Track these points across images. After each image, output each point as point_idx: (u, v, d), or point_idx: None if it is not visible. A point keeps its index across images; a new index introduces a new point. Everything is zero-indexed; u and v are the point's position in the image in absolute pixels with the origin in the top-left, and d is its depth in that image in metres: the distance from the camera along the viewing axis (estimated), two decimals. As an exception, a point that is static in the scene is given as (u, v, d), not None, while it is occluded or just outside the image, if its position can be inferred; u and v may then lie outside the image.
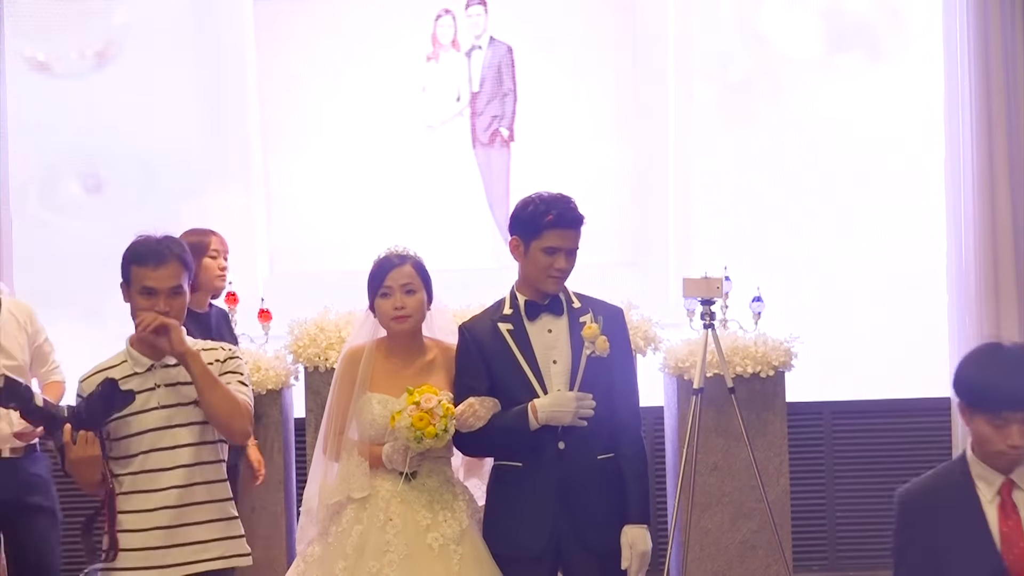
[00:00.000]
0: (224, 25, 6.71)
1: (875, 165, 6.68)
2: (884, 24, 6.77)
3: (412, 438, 3.66)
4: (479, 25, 6.70)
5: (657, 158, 6.73)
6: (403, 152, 6.69)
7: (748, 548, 5.88)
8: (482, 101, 6.72)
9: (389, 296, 3.84)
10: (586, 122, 6.72)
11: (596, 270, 3.94)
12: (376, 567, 3.68)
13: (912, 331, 6.57)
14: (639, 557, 3.72)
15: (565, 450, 3.73)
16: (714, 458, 5.87)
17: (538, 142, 6.71)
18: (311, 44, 6.70)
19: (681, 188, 6.73)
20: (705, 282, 5.59)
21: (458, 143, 6.72)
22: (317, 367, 5.70)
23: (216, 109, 6.72)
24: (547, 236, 3.76)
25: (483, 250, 6.67)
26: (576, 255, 3.82)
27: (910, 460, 6.48)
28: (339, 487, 3.79)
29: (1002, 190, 6.35)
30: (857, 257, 6.66)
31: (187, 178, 6.65)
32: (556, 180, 3.98)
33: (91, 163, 6.69)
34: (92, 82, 6.66)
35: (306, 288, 6.35)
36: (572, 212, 3.78)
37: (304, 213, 6.70)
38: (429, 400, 3.68)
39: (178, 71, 6.68)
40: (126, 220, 6.38)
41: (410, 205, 6.63)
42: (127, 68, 6.66)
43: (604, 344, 3.70)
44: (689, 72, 6.74)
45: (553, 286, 3.80)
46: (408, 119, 6.71)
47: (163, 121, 6.65)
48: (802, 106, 6.73)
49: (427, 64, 6.71)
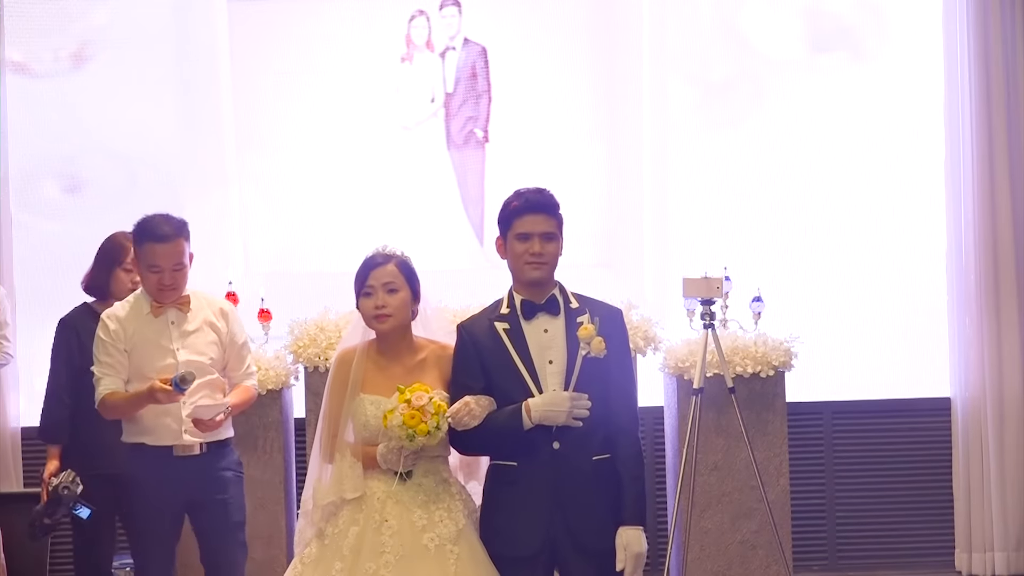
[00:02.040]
0: (199, 26, 6.69)
1: (875, 165, 6.67)
2: (883, 24, 6.76)
3: (405, 436, 3.67)
4: (453, 26, 6.69)
5: (632, 159, 6.73)
6: (378, 153, 6.69)
7: (748, 548, 5.88)
8: (456, 102, 6.71)
9: (371, 295, 3.84)
10: (561, 123, 6.71)
11: (570, 271, 3.95)
12: (372, 568, 3.68)
13: (912, 331, 6.57)
14: (634, 559, 3.71)
15: (560, 450, 3.72)
16: (714, 458, 5.87)
17: (513, 143, 6.70)
18: (285, 45, 6.69)
19: (657, 189, 6.73)
20: (705, 282, 5.59)
21: (433, 144, 6.72)
22: (317, 367, 5.71)
23: (191, 110, 6.70)
24: (517, 224, 3.79)
25: (458, 252, 6.66)
26: (556, 242, 3.81)
27: (910, 460, 6.49)
28: (332, 488, 3.79)
29: (1002, 190, 6.35)
30: (857, 257, 6.66)
31: (163, 179, 6.64)
32: (531, 181, 3.99)
33: (69, 164, 6.68)
34: (68, 83, 6.65)
35: (282, 289, 6.33)
36: (539, 196, 3.81)
37: (279, 213, 6.69)
38: (420, 398, 3.68)
39: (154, 72, 6.65)
40: (103, 221, 6.43)
41: (384, 206, 6.63)
42: (103, 69, 6.64)
43: (600, 345, 3.70)
44: (664, 72, 6.72)
45: (533, 272, 3.79)
46: (382, 120, 6.70)
47: (140, 122, 6.63)
48: (791, 106, 6.71)
49: (401, 65, 6.70)
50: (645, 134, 6.72)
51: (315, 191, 6.69)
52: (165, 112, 6.67)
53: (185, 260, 4.45)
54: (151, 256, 4.40)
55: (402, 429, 3.66)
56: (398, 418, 3.67)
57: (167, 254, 4.38)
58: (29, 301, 6.41)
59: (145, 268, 4.44)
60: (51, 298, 6.30)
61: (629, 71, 6.72)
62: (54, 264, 6.51)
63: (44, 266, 6.54)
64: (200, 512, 4.51)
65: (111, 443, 4.72)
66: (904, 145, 6.68)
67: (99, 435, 4.82)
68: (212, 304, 4.59)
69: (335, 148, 6.68)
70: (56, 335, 5.05)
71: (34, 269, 6.52)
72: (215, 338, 4.52)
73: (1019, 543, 6.32)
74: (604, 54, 6.73)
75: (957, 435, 6.37)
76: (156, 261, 4.39)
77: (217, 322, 4.54)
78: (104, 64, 6.65)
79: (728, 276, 5.81)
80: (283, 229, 6.68)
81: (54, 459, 4.92)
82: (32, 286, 6.47)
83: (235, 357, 4.58)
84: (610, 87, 6.74)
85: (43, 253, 6.56)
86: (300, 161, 6.70)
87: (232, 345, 4.57)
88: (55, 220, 6.63)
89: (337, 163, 6.69)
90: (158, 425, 4.44)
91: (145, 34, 6.66)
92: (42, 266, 6.53)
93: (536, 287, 3.83)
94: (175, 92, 6.69)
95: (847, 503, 6.49)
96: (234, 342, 4.57)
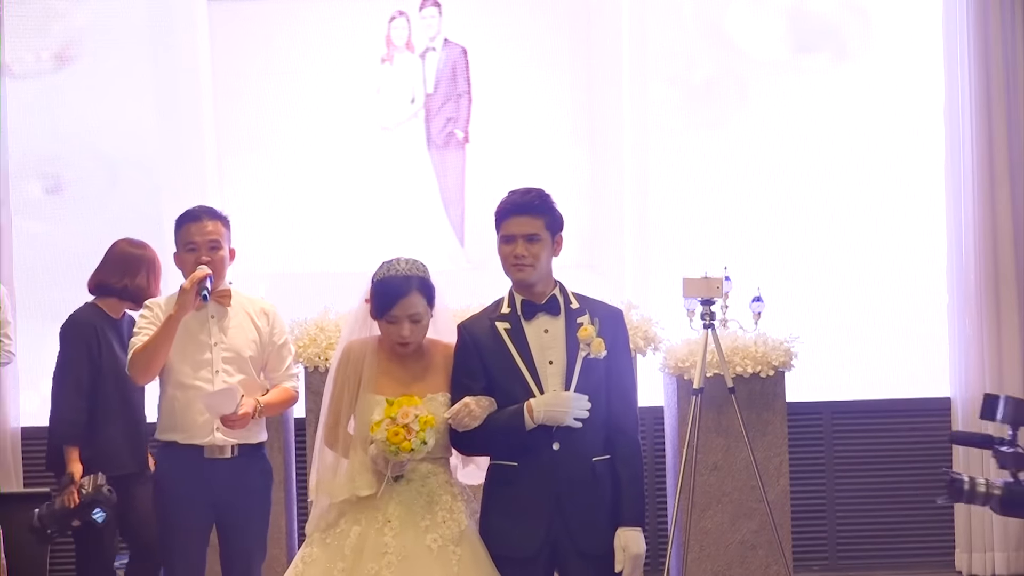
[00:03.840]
0: (181, 27, 6.69)
1: (874, 165, 6.68)
2: (874, 23, 6.76)
3: (388, 451, 3.69)
4: (433, 27, 6.70)
5: (612, 159, 6.74)
6: (358, 154, 6.70)
7: (748, 548, 5.88)
8: (436, 103, 6.72)
9: (395, 324, 3.84)
10: (542, 124, 6.72)
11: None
12: (374, 569, 3.68)
13: (912, 331, 6.57)
14: (632, 560, 3.71)
15: (560, 451, 3.73)
16: (714, 458, 5.87)
17: (493, 144, 6.70)
18: (266, 46, 6.70)
19: (637, 190, 6.74)
20: (705, 282, 5.59)
21: (413, 145, 6.73)
22: (317, 367, 5.71)
23: (173, 110, 6.71)
24: (503, 226, 3.82)
25: (439, 252, 6.63)
26: (541, 243, 3.80)
27: (910, 460, 6.49)
28: (346, 485, 3.80)
29: (1002, 190, 6.35)
30: (858, 258, 6.66)
31: (145, 179, 6.64)
32: (511, 182, 4.01)
33: (51, 164, 6.67)
34: (50, 84, 6.65)
35: (283, 289, 6.30)
36: (522, 197, 3.83)
37: (260, 214, 6.67)
38: (406, 415, 3.68)
39: (136, 72, 6.66)
40: (86, 221, 6.44)
41: (365, 207, 6.65)
42: (85, 70, 6.65)
43: (599, 346, 3.71)
44: (645, 72, 6.72)
45: (517, 274, 3.80)
46: (363, 121, 6.71)
47: (122, 122, 6.64)
48: (776, 106, 6.71)
49: (382, 66, 6.71)
50: (626, 135, 6.74)
51: (296, 192, 6.70)
52: (147, 112, 6.68)
53: (222, 242, 4.50)
54: (186, 235, 4.48)
55: (386, 445, 3.68)
56: (383, 433, 3.68)
57: (200, 231, 4.46)
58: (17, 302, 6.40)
59: (184, 251, 4.49)
60: (34, 299, 6.37)
61: (610, 71, 6.74)
62: (37, 264, 6.53)
63: (27, 265, 6.53)
64: (225, 515, 4.51)
65: (118, 445, 4.78)
66: (904, 145, 6.68)
67: (107, 437, 4.88)
68: (254, 303, 4.63)
69: (315, 149, 6.70)
70: (68, 333, 4.99)
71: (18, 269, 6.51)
72: (255, 336, 4.54)
73: (1019, 543, 6.32)
74: (585, 54, 6.74)
75: (957, 435, 6.38)
76: (191, 238, 4.47)
77: (258, 320, 4.57)
78: (86, 65, 6.66)
79: (728, 276, 5.81)
80: (264, 230, 6.65)
81: (76, 461, 4.86)
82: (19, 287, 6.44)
83: (275, 356, 4.60)
84: (591, 87, 6.74)
85: (27, 252, 6.55)
86: (281, 161, 6.72)
87: (272, 345, 4.59)
88: (38, 220, 6.62)
89: (317, 164, 6.71)
90: (190, 422, 4.44)
91: (127, 35, 6.68)
92: (25, 266, 6.52)
93: (526, 288, 3.84)
94: (157, 92, 6.69)
95: (847, 503, 6.50)
96: (274, 342, 4.60)
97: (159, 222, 5.35)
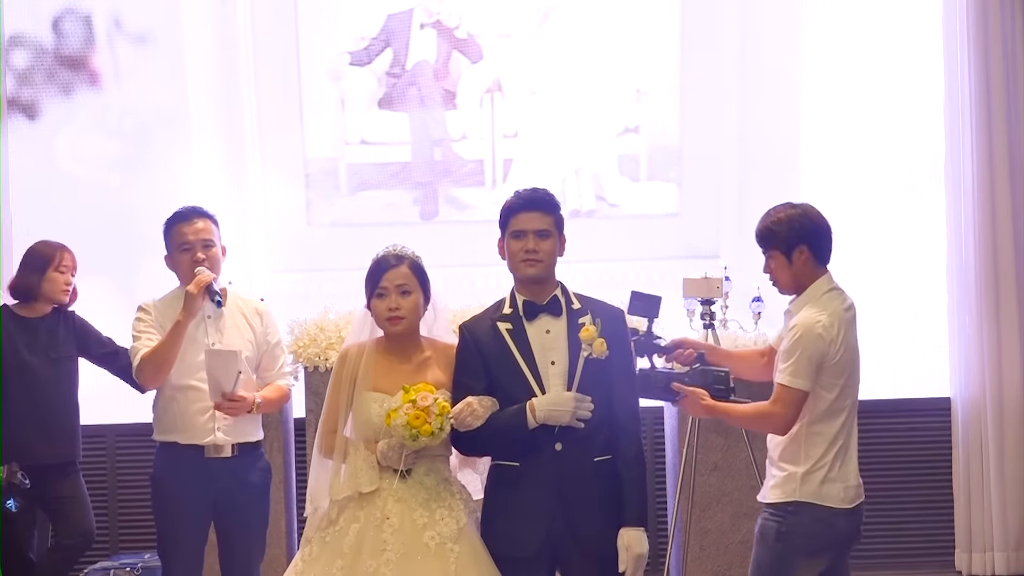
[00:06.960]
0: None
1: (874, 165, 6.67)
2: (882, 23, 6.75)
3: (408, 436, 3.69)
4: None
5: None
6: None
7: (748, 548, 5.81)
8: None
9: (384, 297, 3.86)
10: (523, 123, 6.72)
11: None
12: (373, 566, 3.70)
13: (912, 331, 6.56)
14: (635, 560, 3.72)
15: (562, 451, 3.73)
16: (714, 458, 5.87)
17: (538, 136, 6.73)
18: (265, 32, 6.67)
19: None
20: (705, 282, 5.59)
21: None
22: (317, 367, 5.71)
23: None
24: (512, 222, 3.83)
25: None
26: (551, 239, 3.83)
27: (910, 460, 6.48)
28: (348, 483, 3.82)
29: (1002, 190, 6.34)
30: (857, 257, 6.63)
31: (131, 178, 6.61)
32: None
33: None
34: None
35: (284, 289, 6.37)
36: (534, 194, 3.85)
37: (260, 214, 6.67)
38: (425, 398, 3.70)
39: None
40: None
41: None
42: None
43: (601, 347, 3.72)
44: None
45: (529, 269, 3.81)
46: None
47: None
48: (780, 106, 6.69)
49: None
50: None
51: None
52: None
53: (215, 239, 4.53)
54: (178, 236, 4.51)
55: (406, 429, 3.68)
56: (402, 417, 3.68)
57: (192, 230, 4.49)
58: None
59: (178, 252, 4.51)
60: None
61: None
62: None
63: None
64: (225, 514, 4.53)
65: (29, 437, 4.95)
66: (904, 144, 6.67)
67: (18, 429, 4.99)
68: (247, 303, 4.68)
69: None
70: None
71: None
72: (251, 336, 4.58)
73: (1019, 543, 6.32)
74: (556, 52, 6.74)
75: (957, 435, 6.37)
76: (184, 238, 4.49)
77: (252, 320, 4.60)
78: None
79: (728, 276, 5.81)
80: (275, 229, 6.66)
81: None
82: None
83: (268, 356, 4.65)
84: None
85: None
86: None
87: (266, 344, 4.64)
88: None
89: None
90: (190, 422, 4.46)
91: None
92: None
93: (534, 285, 3.84)
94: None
95: (847, 503, 6.48)
96: (268, 341, 4.64)
97: (145, 220, 5.38)
